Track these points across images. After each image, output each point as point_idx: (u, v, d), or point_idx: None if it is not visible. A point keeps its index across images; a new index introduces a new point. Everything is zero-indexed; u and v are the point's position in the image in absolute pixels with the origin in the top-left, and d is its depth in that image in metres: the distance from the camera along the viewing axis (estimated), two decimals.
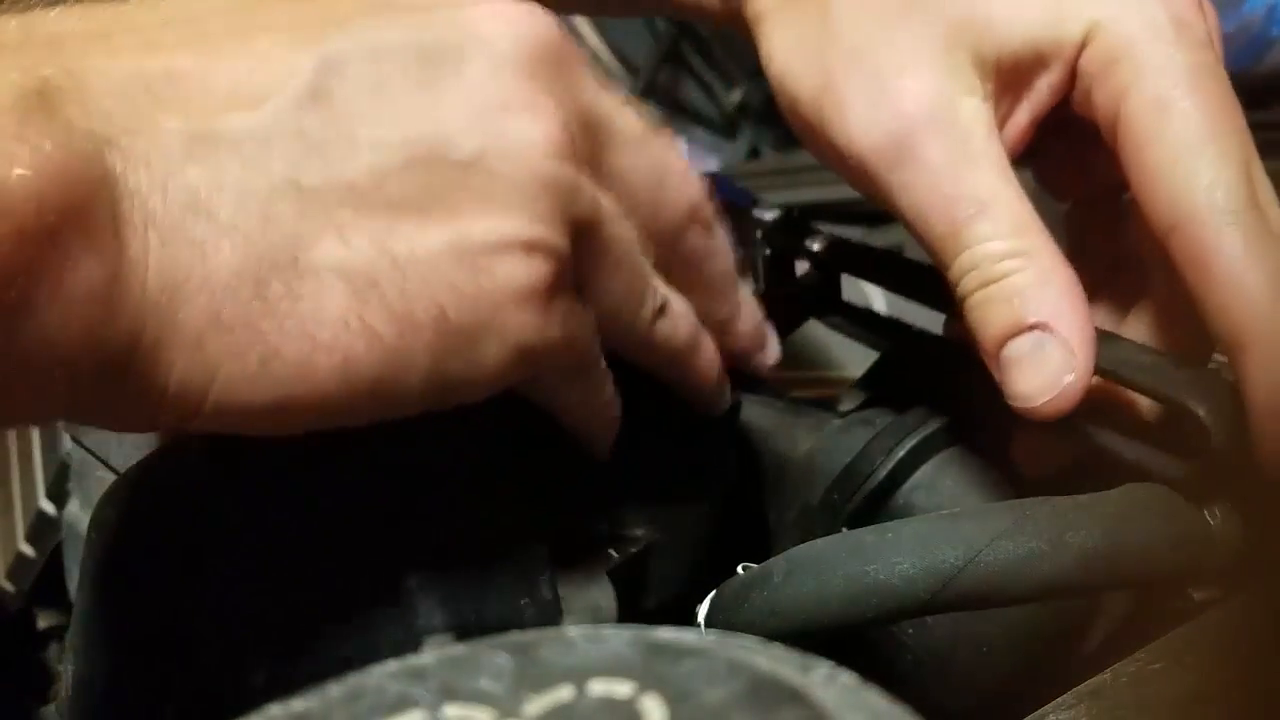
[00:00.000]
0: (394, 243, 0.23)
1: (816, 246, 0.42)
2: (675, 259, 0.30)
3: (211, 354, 0.21)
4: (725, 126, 1.38)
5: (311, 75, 0.23)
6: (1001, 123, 0.32)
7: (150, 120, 0.21)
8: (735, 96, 1.33)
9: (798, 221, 0.42)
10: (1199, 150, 0.28)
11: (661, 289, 0.30)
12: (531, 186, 0.24)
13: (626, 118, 0.28)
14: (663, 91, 1.36)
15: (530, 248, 0.24)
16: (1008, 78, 0.31)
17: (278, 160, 0.22)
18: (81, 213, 0.19)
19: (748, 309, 0.34)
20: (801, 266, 0.43)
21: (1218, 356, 0.31)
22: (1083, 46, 0.30)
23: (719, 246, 0.32)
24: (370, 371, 0.22)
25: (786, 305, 0.39)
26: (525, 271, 0.24)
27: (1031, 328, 0.29)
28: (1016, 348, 0.29)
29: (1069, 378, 0.28)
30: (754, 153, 1.35)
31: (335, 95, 0.23)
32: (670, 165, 0.29)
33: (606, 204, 0.27)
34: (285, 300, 0.21)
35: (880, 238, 0.87)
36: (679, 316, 0.31)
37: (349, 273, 0.22)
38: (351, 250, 0.22)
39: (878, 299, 0.64)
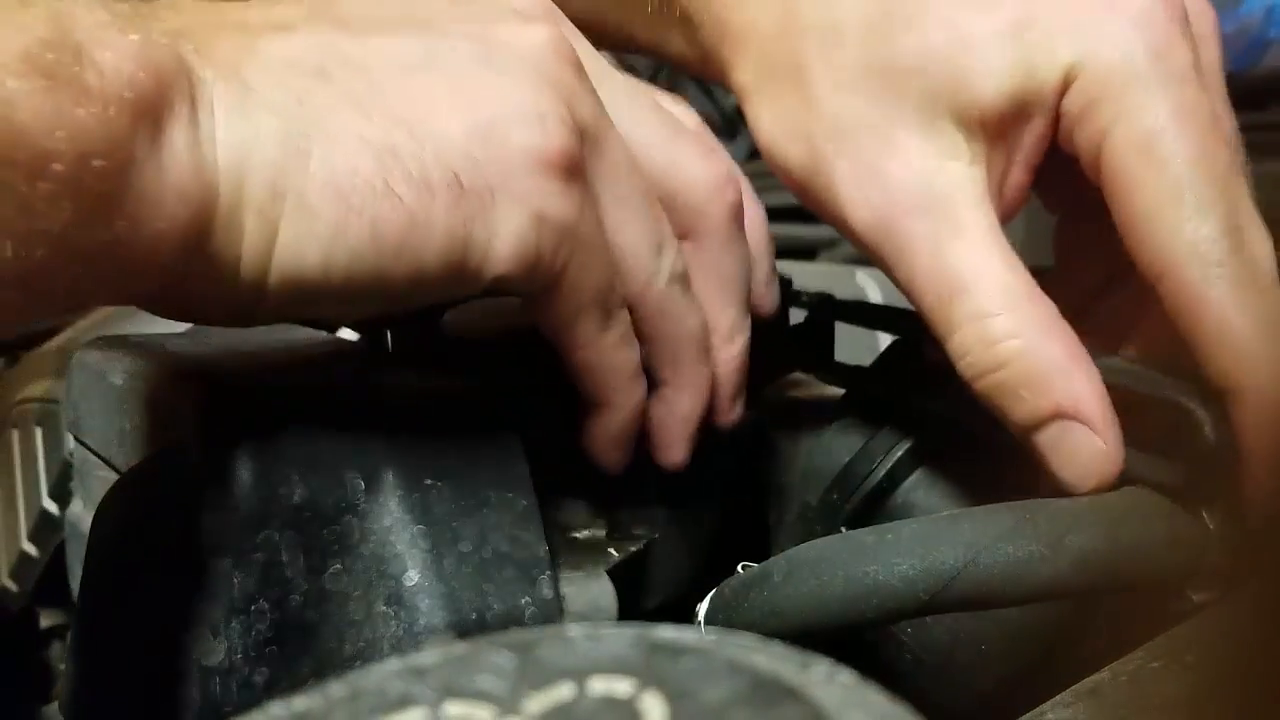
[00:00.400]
0: (410, 116, 0.26)
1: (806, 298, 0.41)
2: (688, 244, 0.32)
3: (271, 218, 0.24)
4: (725, 127, 1.38)
5: (333, 14, 0.27)
6: (998, 177, 0.32)
7: (209, 37, 0.25)
8: (735, 98, 1.33)
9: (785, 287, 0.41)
10: (1181, 199, 0.28)
11: (680, 259, 0.31)
12: (536, 72, 0.27)
13: (618, 75, 0.32)
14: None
15: (544, 117, 0.27)
16: (994, 133, 0.31)
17: (309, 61, 0.26)
18: (165, 89, 0.23)
19: (745, 340, 0.34)
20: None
21: None
22: (1063, 90, 0.30)
23: (741, 251, 0.34)
24: (395, 232, 0.25)
25: (772, 355, 0.38)
26: (541, 137, 0.27)
27: (1051, 418, 0.29)
28: (1044, 438, 0.30)
29: (1102, 459, 0.29)
30: (754, 153, 1.35)
31: (353, 23, 0.27)
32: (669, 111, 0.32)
33: (611, 132, 0.29)
34: (323, 168, 0.25)
35: None
36: (694, 304, 0.32)
37: (372, 142, 0.25)
38: (373, 124, 0.25)
39: (874, 295, 0.64)
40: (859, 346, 0.56)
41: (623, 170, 0.29)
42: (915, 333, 0.35)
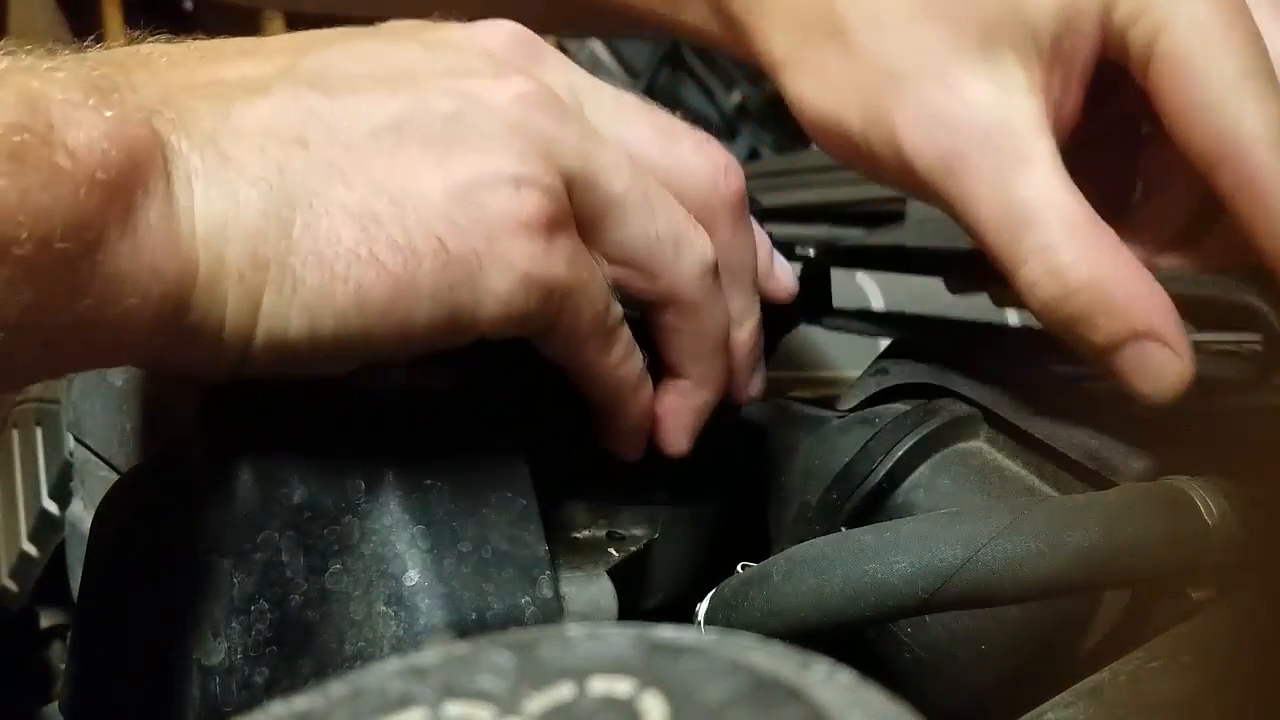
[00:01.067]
0: (391, 184, 0.26)
1: (811, 252, 0.42)
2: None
3: (253, 287, 0.25)
4: (725, 128, 1.38)
5: (306, 69, 0.27)
6: (1054, 104, 0.32)
7: (183, 104, 0.25)
8: (734, 98, 1.34)
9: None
10: (1241, 86, 0.29)
11: (708, 250, 0.31)
12: (509, 132, 0.27)
13: (603, 86, 0.31)
14: (663, 93, 1.37)
15: (518, 182, 0.27)
16: (1049, 58, 0.31)
17: (287, 127, 0.26)
18: (140, 166, 0.23)
19: (756, 322, 0.35)
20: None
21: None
22: (1111, 5, 0.31)
23: (748, 237, 0.34)
24: (381, 299, 0.25)
25: (775, 312, 0.39)
26: (516, 204, 0.27)
27: (1128, 340, 0.30)
28: (1123, 360, 0.30)
29: (1179, 371, 0.30)
30: (753, 154, 1.35)
31: (328, 81, 0.27)
32: (667, 121, 0.32)
33: (603, 156, 0.29)
34: (306, 237, 0.25)
35: (880, 238, 0.87)
36: (719, 296, 0.32)
37: (355, 211, 0.25)
38: (353, 191, 0.26)
39: (875, 299, 0.64)
40: (859, 347, 0.56)
41: (623, 186, 0.29)
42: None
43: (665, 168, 0.32)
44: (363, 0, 0.31)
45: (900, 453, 0.35)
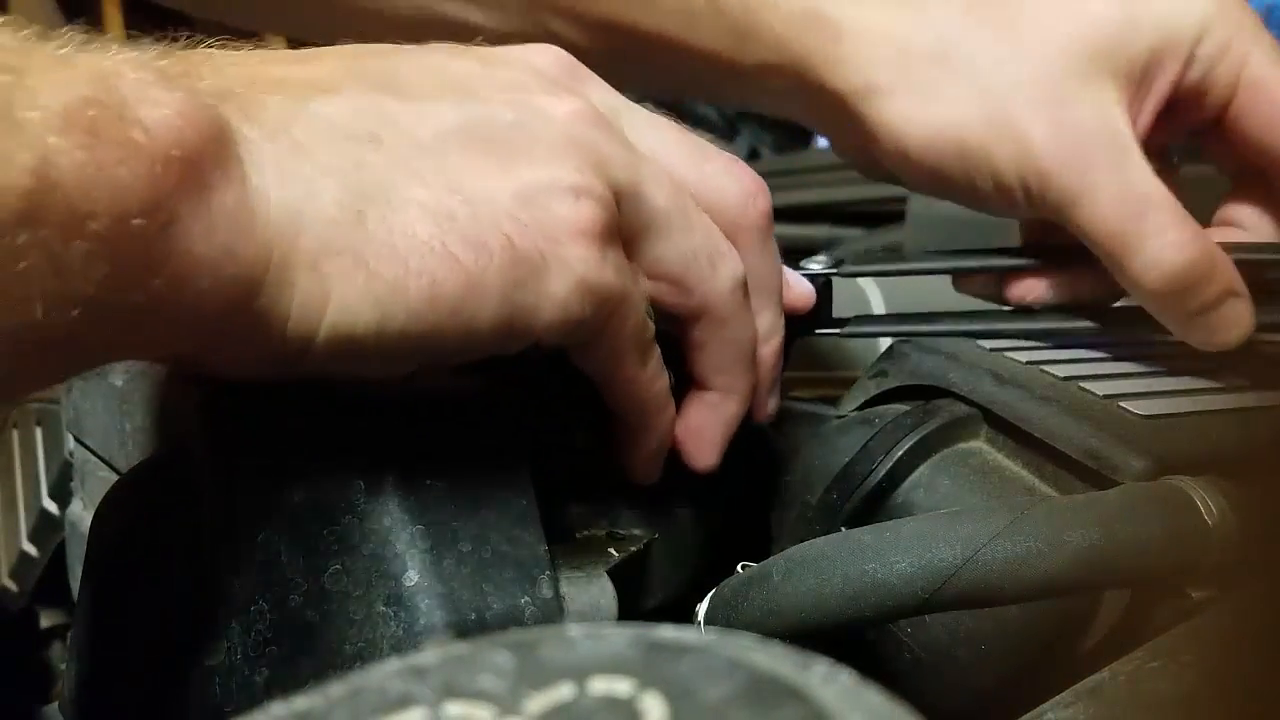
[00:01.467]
0: (462, 185, 0.27)
1: (815, 268, 0.42)
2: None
3: (325, 276, 0.25)
4: (725, 128, 1.38)
5: (375, 75, 0.28)
6: (1133, 123, 0.38)
7: (251, 97, 0.25)
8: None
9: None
10: None
11: (740, 268, 0.32)
12: (565, 144, 0.28)
13: (637, 108, 0.33)
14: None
15: (577, 191, 0.28)
16: (1139, 86, 0.38)
17: (360, 124, 0.26)
18: (213, 146, 0.23)
19: (780, 340, 0.36)
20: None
21: None
22: (1198, 39, 0.37)
23: (774, 255, 0.35)
24: (453, 294, 0.26)
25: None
26: (575, 211, 0.28)
27: (1225, 297, 0.36)
28: (1218, 316, 0.36)
29: (1249, 319, 0.37)
30: (754, 154, 1.35)
31: (395, 85, 0.28)
32: (695, 141, 0.34)
33: (647, 172, 0.30)
34: (381, 229, 0.25)
35: (880, 238, 0.87)
36: (749, 313, 0.33)
37: (430, 207, 0.26)
38: (430, 190, 0.26)
39: (876, 303, 0.64)
40: (859, 347, 0.56)
41: (665, 201, 0.31)
42: None
43: (698, 187, 0.33)
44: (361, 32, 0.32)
45: (900, 453, 0.35)
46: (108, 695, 0.30)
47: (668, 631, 0.14)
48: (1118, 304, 0.41)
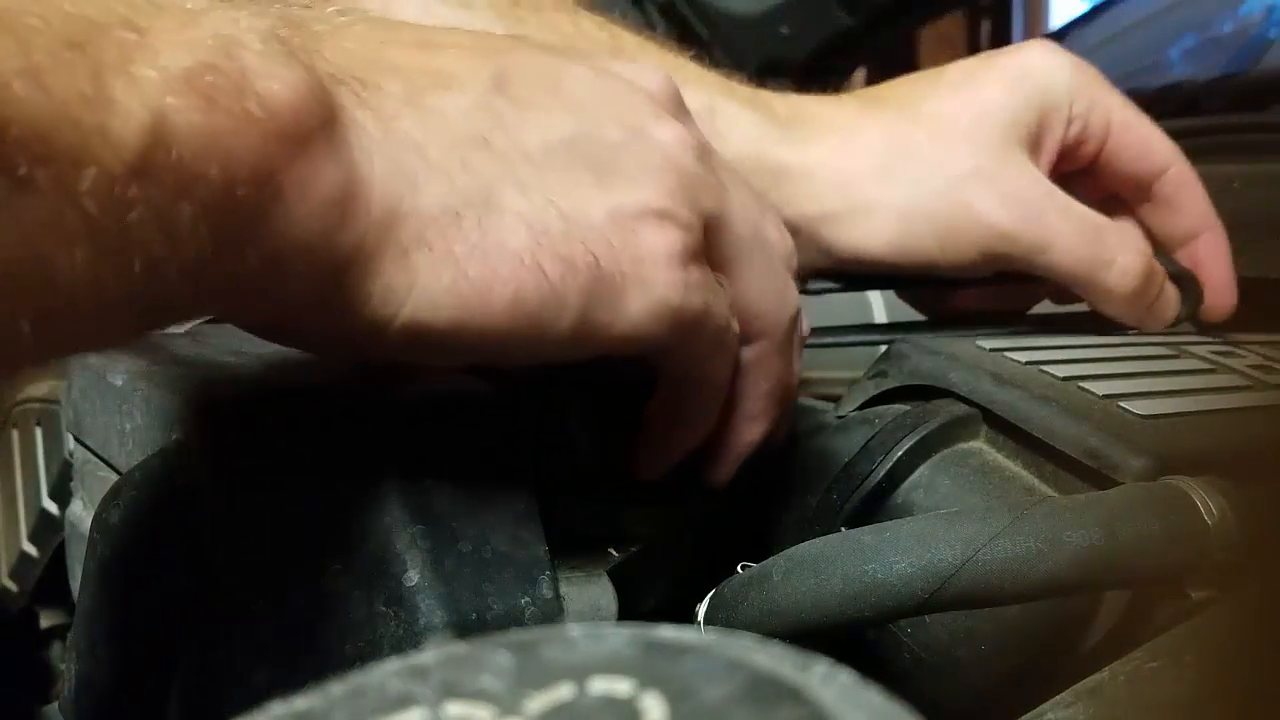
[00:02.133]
0: (560, 199, 0.27)
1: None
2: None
3: (414, 268, 0.25)
4: None
5: (493, 74, 0.28)
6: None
7: (370, 80, 0.26)
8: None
9: None
10: (1160, 133, 0.47)
11: (800, 310, 0.35)
12: (665, 170, 0.29)
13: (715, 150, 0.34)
14: None
15: (666, 216, 0.29)
16: (1035, 148, 0.45)
17: (473, 125, 0.27)
18: (325, 129, 0.23)
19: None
20: None
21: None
22: (1072, 102, 0.46)
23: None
24: (534, 305, 0.26)
25: None
26: (662, 235, 0.28)
27: (1164, 284, 0.45)
28: (1161, 300, 0.45)
29: (1176, 296, 0.46)
30: None
31: (513, 89, 0.28)
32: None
33: (735, 203, 0.32)
34: (476, 232, 0.26)
35: None
36: (800, 350, 0.35)
37: (527, 218, 0.26)
38: (529, 201, 0.27)
39: (878, 309, 0.64)
40: (859, 348, 0.56)
41: (747, 233, 0.32)
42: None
43: (764, 224, 0.34)
44: None
45: (900, 453, 0.35)
46: (108, 695, 0.30)
47: (668, 631, 0.14)
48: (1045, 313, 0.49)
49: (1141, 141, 0.46)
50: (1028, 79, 0.45)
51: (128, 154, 0.20)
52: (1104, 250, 0.43)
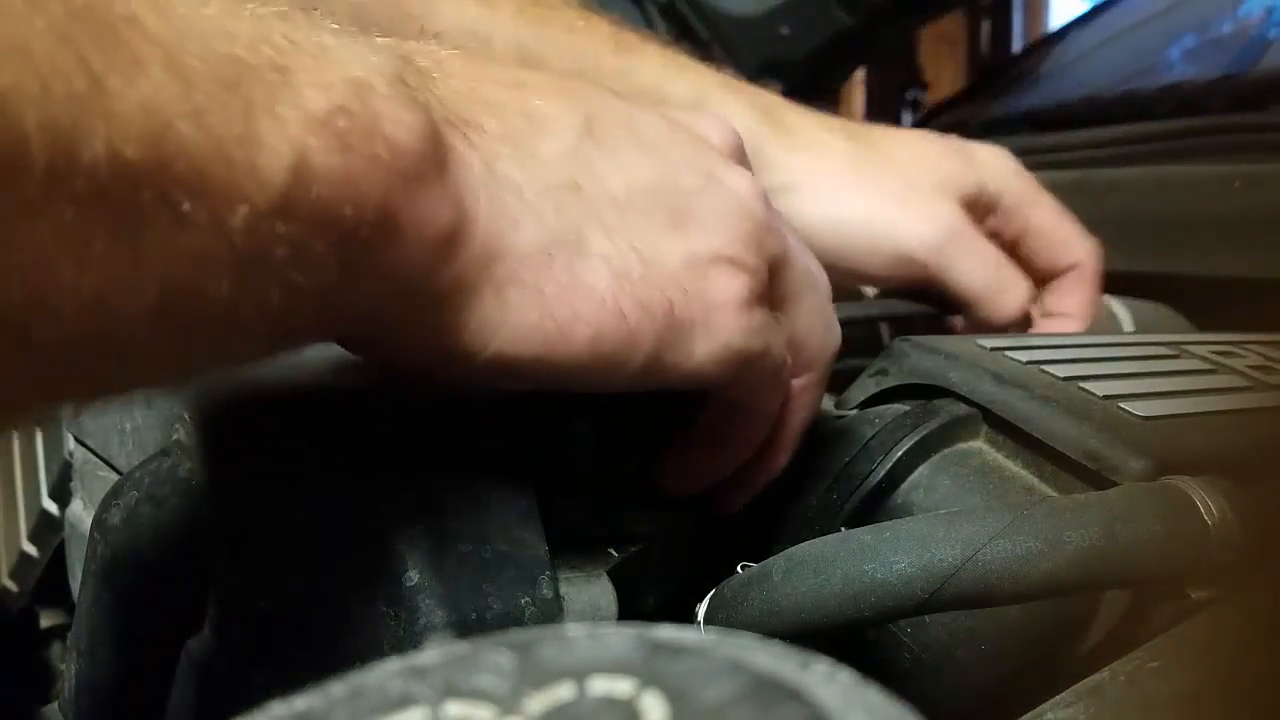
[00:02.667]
0: (642, 245, 0.28)
1: None
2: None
3: (507, 303, 0.26)
4: None
5: (583, 119, 0.29)
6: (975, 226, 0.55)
7: (475, 120, 0.27)
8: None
9: None
10: (1064, 211, 0.56)
11: (840, 335, 0.37)
12: (737, 218, 0.30)
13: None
14: None
15: (736, 263, 0.30)
16: (970, 205, 0.54)
17: (565, 169, 0.28)
18: (439, 167, 0.24)
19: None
20: None
21: None
22: (1001, 194, 0.55)
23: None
24: (611, 345, 0.27)
25: None
26: (732, 282, 0.30)
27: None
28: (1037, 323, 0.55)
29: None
30: None
31: (598, 135, 0.29)
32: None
33: (796, 247, 0.34)
34: (565, 274, 0.27)
35: None
36: (825, 387, 0.37)
37: (611, 261, 0.28)
38: (614, 245, 0.28)
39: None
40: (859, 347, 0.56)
41: (803, 273, 0.34)
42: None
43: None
44: None
45: (900, 453, 0.35)
46: (108, 695, 0.30)
47: (668, 631, 0.14)
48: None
49: (1051, 246, 0.55)
50: (972, 158, 0.55)
51: (273, 191, 0.21)
52: (999, 280, 0.53)
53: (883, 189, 0.53)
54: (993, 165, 0.56)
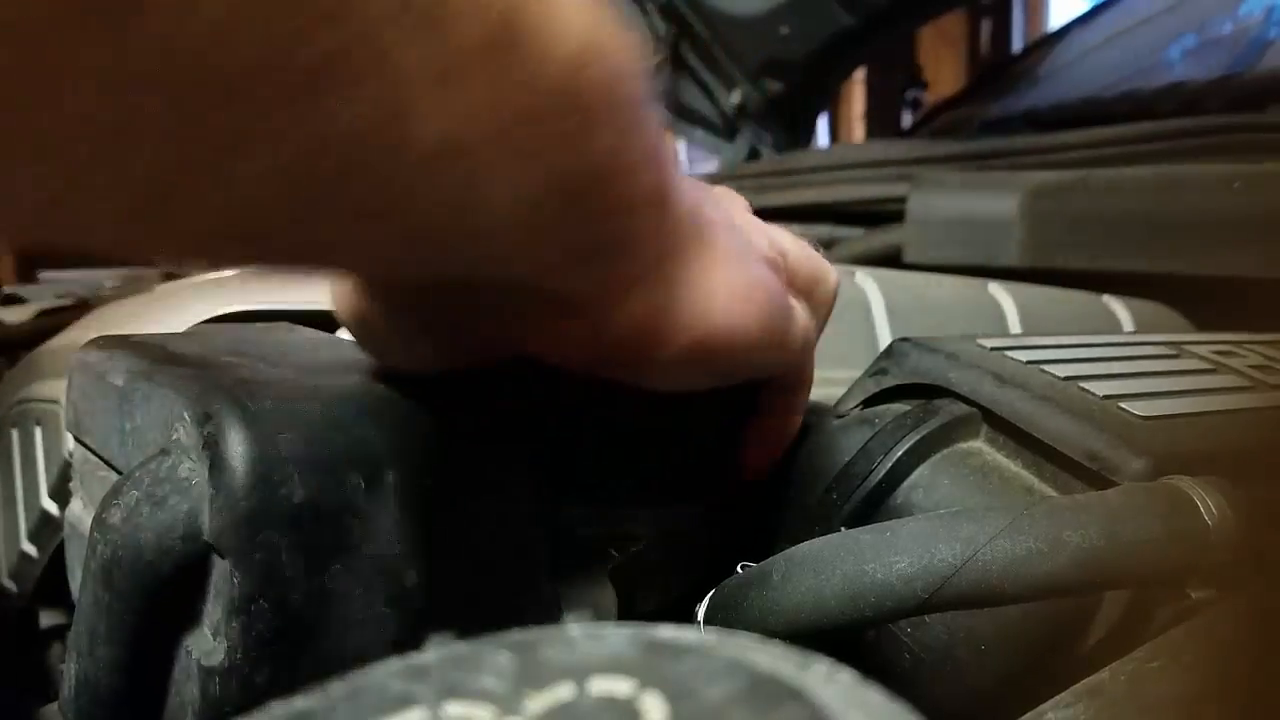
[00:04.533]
0: (746, 250, 0.32)
1: None
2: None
3: (674, 287, 0.28)
4: (725, 128, 1.38)
5: (694, 195, 0.31)
6: None
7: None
8: (734, 98, 1.34)
9: None
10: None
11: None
12: (764, 233, 0.35)
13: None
14: (663, 94, 1.36)
15: (768, 261, 0.33)
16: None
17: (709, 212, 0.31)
18: (650, 138, 0.26)
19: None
20: None
21: None
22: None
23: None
24: (778, 332, 0.31)
25: None
26: (795, 326, 0.33)
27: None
28: None
29: None
30: (753, 154, 1.35)
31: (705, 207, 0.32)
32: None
33: (787, 240, 0.37)
34: (741, 267, 0.30)
35: (880, 238, 0.87)
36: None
37: (758, 268, 0.31)
38: (736, 246, 0.31)
39: (878, 309, 0.64)
40: (859, 347, 0.56)
41: (808, 275, 0.37)
42: None
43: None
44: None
45: (900, 453, 0.35)
46: (108, 695, 0.30)
47: (668, 631, 0.14)
48: None
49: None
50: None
51: (567, 56, 0.22)
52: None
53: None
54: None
